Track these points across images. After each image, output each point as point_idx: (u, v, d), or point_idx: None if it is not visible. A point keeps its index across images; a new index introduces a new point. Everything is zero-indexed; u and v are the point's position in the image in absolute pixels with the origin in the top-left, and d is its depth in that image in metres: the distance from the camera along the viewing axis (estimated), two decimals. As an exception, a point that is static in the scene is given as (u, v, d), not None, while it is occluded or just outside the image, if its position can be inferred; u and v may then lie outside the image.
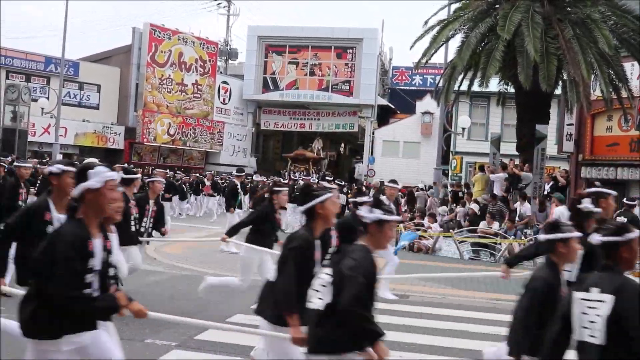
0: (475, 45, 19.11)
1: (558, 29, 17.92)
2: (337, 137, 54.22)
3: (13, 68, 34.07)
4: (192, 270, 11.59)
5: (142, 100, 37.76)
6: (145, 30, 38.00)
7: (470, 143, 34.22)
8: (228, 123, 42.73)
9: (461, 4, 21.53)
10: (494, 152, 21.34)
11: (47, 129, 33.56)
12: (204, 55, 41.28)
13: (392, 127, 42.26)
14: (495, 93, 24.19)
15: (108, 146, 36.94)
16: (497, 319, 8.70)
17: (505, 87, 22.28)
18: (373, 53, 40.94)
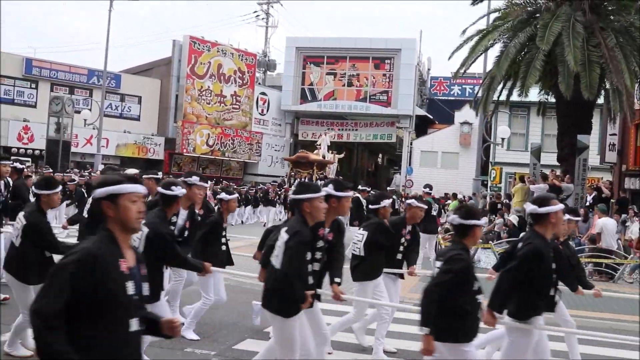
0: (514, 55, 18.93)
1: (600, 38, 17.66)
2: (375, 148, 54.15)
3: (57, 80, 34.83)
4: (231, 280, 11.62)
5: (182, 111, 38.23)
6: (185, 42, 38.52)
7: (510, 153, 33.83)
8: (266, 134, 42.98)
9: (500, 13, 21.36)
10: (534, 162, 21.06)
11: (89, 140, 34.19)
12: (243, 67, 41.64)
13: (431, 138, 42.03)
14: (536, 103, 23.91)
15: (148, 157, 37.44)
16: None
17: (546, 96, 22.01)
18: (411, 63, 40.81)
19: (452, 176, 38.33)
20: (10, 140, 31.94)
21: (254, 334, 7.68)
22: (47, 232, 6.03)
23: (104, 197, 3.14)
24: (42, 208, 6.11)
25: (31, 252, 5.97)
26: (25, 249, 5.98)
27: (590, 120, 19.78)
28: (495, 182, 33.87)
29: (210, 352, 6.91)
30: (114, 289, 2.98)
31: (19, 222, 6.05)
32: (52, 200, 6.17)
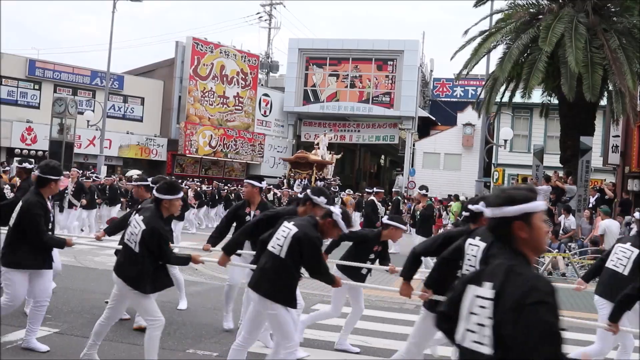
0: (517, 57, 18.93)
1: (603, 39, 17.65)
2: (377, 149, 54.16)
3: (60, 82, 34.90)
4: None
5: (185, 112, 38.29)
6: (188, 43, 38.57)
7: (513, 155, 33.83)
8: (269, 135, 43.02)
9: (503, 14, 21.36)
10: (537, 164, 21.06)
11: (92, 141, 34.26)
12: (245, 68, 41.69)
13: (433, 139, 42.03)
14: (538, 104, 23.91)
15: (151, 158, 37.50)
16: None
17: (549, 98, 22.00)
18: (414, 65, 40.83)
19: (455, 178, 38.34)
20: (13, 141, 32.01)
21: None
22: (166, 240, 5.69)
23: (517, 216, 2.74)
24: (162, 213, 5.73)
25: (148, 260, 5.63)
26: (143, 255, 5.61)
27: (593, 122, 19.76)
28: (498, 183, 33.82)
29: (212, 354, 6.92)
30: None
31: (136, 226, 5.66)
32: (173, 206, 5.77)
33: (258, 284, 5.25)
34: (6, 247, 6.29)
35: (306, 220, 5.34)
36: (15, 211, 6.25)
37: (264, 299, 5.15)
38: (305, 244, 5.12)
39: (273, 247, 5.24)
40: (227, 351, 6.98)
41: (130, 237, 5.70)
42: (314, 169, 33.85)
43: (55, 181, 6.37)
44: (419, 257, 5.50)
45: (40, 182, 6.32)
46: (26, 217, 6.14)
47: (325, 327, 8.10)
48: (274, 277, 5.16)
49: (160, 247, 5.58)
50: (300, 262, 5.20)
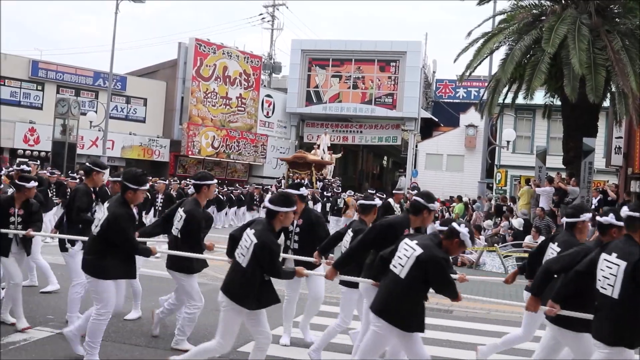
0: (519, 58, 18.90)
1: (606, 40, 17.62)
2: (380, 151, 54.19)
3: (63, 82, 34.94)
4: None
5: (187, 113, 38.32)
6: (191, 44, 38.61)
7: (515, 156, 33.82)
8: (271, 136, 43.04)
9: (506, 16, 21.34)
10: (540, 165, 21.05)
11: (95, 141, 34.30)
12: (248, 69, 41.72)
13: (436, 140, 42.03)
14: (541, 105, 23.87)
15: (154, 159, 37.53)
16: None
17: (552, 99, 21.97)
18: (416, 66, 40.83)
19: (458, 179, 38.34)
20: (16, 142, 32.05)
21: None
22: (277, 254, 5.57)
23: None
24: (274, 227, 5.63)
25: (257, 275, 5.50)
26: (253, 271, 5.49)
27: (596, 123, 19.73)
28: (501, 184, 33.84)
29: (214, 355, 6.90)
30: None
31: (247, 239, 5.57)
32: (288, 219, 5.67)
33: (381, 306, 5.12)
34: (91, 256, 6.21)
35: (429, 240, 5.11)
36: (99, 220, 6.22)
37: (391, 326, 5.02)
38: (432, 265, 4.94)
39: (394, 267, 5.10)
40: (229, 352, 6.97)
41: (240, 251, 5.59)
42: (312, 169, 33.23)
43: (134, 191, 6.30)
44: (554, 274, 5.34)
45: (125, 190, 6.29)
46: (114, 229, 6.08)
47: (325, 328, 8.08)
48: (396, 300, 5.02)
49: (271, 261, 5.45)
50: (424, 283, 5.01)
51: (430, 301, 9.93)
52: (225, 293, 5.57)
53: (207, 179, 7.01)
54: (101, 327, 6.10)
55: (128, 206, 6.25)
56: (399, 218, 6.28)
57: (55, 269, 9.56)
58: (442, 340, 8.21)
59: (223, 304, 5.59)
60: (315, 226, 7.51)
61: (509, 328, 9.25)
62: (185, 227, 6.77)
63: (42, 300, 7.82)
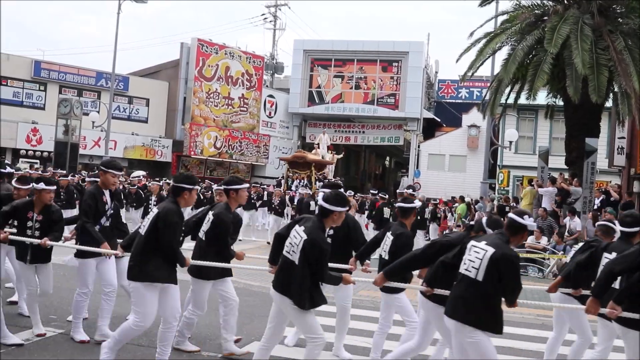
0: (522, 58, 18.88)
1: (609, 40, 17.60)
2: (382, 151, 54.17)
3: (66, 83, 34.99)
4: (239, 283, 11.63)
5: (190, 113, 38.35)
6: (193, 45, 38.64)
7: (518, 156, 33.79)
8: (274, 136, 43.06)
9: (508, 16, 21.32)
10: (542, 165, 21.02)
11: (97, 142, 34.33)
12: (250, 69, 41.75)
13: (438, 141, 42.03)
14: (544, 106, 23.83)
15: (156, 159, 37.57)
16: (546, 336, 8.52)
17: (554, 99, 21.95)
18: (419, 66, 40.83)
19: (460, 179, 38.33)
20: (19, 142, 32.11)
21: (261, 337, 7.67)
22: (326, 255, 5.36)
23: None
24: (324, 225, 5.49)
25: (309, 272, 5.35)
26: (305, 272, 5.34)
27: (599, 123, 19.69)
28: (503, 185, 33.84)
29: (217, 355, 6.92)
30: None
31: (297, 236, 5.41)
32: (340, 219, 5.52)
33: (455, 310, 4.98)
34: (136, 259, 5.86)
35: (498, 238, 4.98)
36: (148, 219, 5.93)
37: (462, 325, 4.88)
38: (503, 264, 4.81)
39: (467, 271, 4.94)
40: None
41: (290, 249, 5.45)
42: (312, 169, 32.48)
43: (190, 191, 6.01)
44: (616, 276, 5.32)
45: (175, 191, 6.01)
46: (163, 227, 5.74)
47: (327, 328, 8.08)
48: (473, 303, 4.87)
49: (319, 261, 5.29)
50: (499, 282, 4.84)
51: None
52: (277, 290, 5.47)
53: (235, 183, 6.77)
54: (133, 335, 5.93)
55: (179, 206, 5.96)
56: (459, 237, 5.97)
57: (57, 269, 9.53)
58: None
59: (277, 302, 5.52)
60: (352, 231, 7.14)
61: (521, 330, 9.24)
62: (212, 230, 6.60)
63: (45, 300, 7.80)
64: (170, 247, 5.77)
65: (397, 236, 6.47)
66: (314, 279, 5.35)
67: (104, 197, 6.97)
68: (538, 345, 8.11)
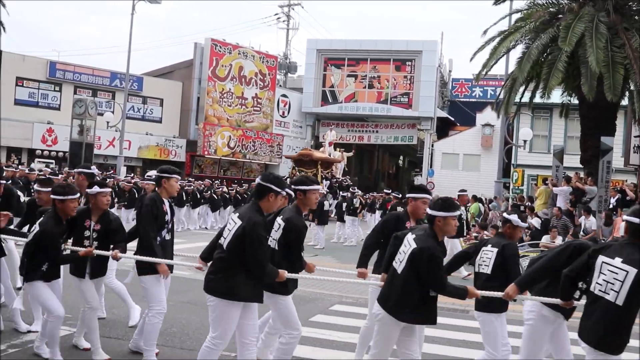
0: (536, 57, 18.78)
1: (624, 38, 17.46)
2: (396, 150, 54.06)
3: (80, 83, 35.21)
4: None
5: (203, 113, 38.46)
6: (207, 45, 38.74)
7: (532, 155, 33.60)
8: (287, 136, 43.10)
9: (522, 14, 21.20)
10: (557, 164, 20.90)
11: (112, 142, 34.51)
12: (264, 69, 41.80)
13: (452, 140, 41.87)
14: (558, 104, 23.69)
15: (170, 159, 37.67)
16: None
17: (569, 98, 21.81)
18: (432, 65, 40.70)
19: (474, 178, 38.15)
20: (34, 143, 32.38)
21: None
22: (440, 264, 5.00)
23: None
24: (436, 233, 5.10)
25: (415, 284, 4.96)
26: (409, 279, 4.99)
27: (614, 121, 19.54)
28: (518, 184, 33.63)
29: (230, 354, 6.92)
30: None
31: (407, 244, 5.09)
32: (449, 225, 5.10)
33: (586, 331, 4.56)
34: (217, 274, 5.28)
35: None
36: (229, 230, 5.27)
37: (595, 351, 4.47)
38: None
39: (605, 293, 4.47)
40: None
41: (398, 257, 5.15)
42: (318, 167, 31.78)
43: (276, 194, 5.44)
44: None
45: (261, 191, 5.45)
46: (251, 243, 5.13)
47: (337, 327, 8.09)
48: (605, 324, 4.44)
49: (432, 271, 4.89)
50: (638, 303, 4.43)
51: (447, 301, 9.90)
52: (379, 303, 5.13)
53: (304, 184, 5.94)
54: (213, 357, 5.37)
55: (263, 214, 5.38)
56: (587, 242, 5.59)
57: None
58: (458, 340, 8.17)
59: (379, 316, 5.13)
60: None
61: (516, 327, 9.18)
62: (284, 237, 5.78)
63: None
64: (259, 264, 5.19)
65: (503, 247, 5.80)
66: (424, 292, 4.96)
67: (164, 207, 6.26)
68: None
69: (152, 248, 6.08)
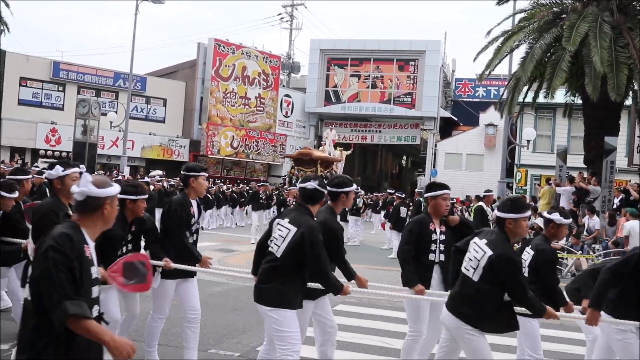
0: (540, 56, 18.75)
1: (628, 38, 17.42)
2: (399, 150, 54.04)
3: (84, 83, 35.26)
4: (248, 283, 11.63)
5: (207, 113, 38.49)
6: (210, 45, 38.77)
7: (536, 155, 33.55)
8: (290, 136, 43.10)
9: (526, 14, 21.17)
10: (560, 164, 20.86)
11: (115, 142, 34.55)
12: (267, 69, 41.81)
13: (455, 140, 41.84)
14: (562, 104, 23.66)
15: (173, 159, 37.73)
16: (564, 336, 8.47)
17: (572, 98, 21.77)
18: (435, 65, 40.65)
19: (477, 178, 38.11)
20: (38, 143, 32.45)
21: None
22: (520, 270, 4.76)
23: None
24: (508, 236, 4.83)
25: (492, 292, 4.71)
26: (484, 286, 4.71)
27: (618, 121, 19.51)
28: (521, 184, 33.61)
29: (234, 354, 6.93)
30: None
31: (478, 250, 4.79)
32: (520, 227, 4.81)
33: None
34: (270, 282, 5.04)
35: None
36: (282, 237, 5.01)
37: None
38: None
39: None
40: (248, 351, 7.02)
41: (469, 264, 4.84)
42: (318, 166, 31.09)
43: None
44: None
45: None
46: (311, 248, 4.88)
47: (340, 327, 8.08)
48: None
49: (512, 276, 4.61)
50: None
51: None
52: (452, 312, 4.86)
53: (346, 185, 5.54)
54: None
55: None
56: None
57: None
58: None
59: (451, 325, 4.87)
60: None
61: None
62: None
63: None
64: (324, 272, 4.96)
65: (538, 252, 5.59)
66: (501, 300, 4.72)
67: (192, 209, 5.99)
68: (556, 345, 8.04)
69: (189, 251, 5.89)
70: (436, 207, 5.99)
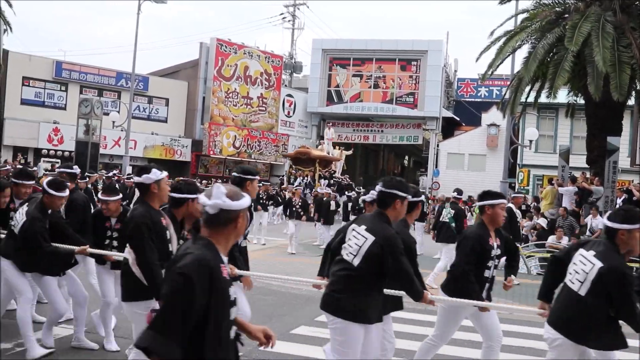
0: (542, 56, 18.74)
1: (631, 38, 17.41)
2: (401, 150, 54.00)
3: (86, 83, 35.28)
4: (257, 281, 11.63)
5: (209, 113, 38.49)
6: (212, 44, 38.77)
7: (538, 156, 33.52)
8: (292, 135, 43.08)
9: (528, 14, 21.15)
10: (563, 165, 20.84)
11: (117, 141, 34.57)
12: (269, 69, 41.80)
13: (457, 140, 41.79)
14: (564, 104, 23.64)
15: (175, 158, 37.74)
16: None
17: (575, 98, 21.75)
18: (438, 65, 40.62)
19: (479, 178, 38.04)
20: (40, 142, 32.49)
21: (281, 336, 7.67)
22: (631, 284, 4.41)
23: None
24: (619, 247, 4.54)
25: (601, 307, 4.43)
26: (594, 301, 4.43)
27: (621, 121, 19.49)
28: (523, 184, 33.59)
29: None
30: None
31: (585, 262, 4.53)
32: (632, 238, 4.49)
33: None
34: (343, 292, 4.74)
35: None
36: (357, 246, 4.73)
37: None
38: None
39: None
40: (252, 351, 7.01)
41: (574, 277, 4.56)
42: (316, 166, 30.64)
43: (402, 200, 4.86)
44: None
45: (384, 200, 4.87)
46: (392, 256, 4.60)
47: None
48: None
49: (623, 292, 4.32)
50: None
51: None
52: (555, 327, 4.62)
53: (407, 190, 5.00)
54: None
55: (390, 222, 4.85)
56: None
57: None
58: (464, 340, 8.14)
59: (556, 342, 4.62)
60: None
61: (532, 329, 9.17)
62: None
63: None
64: (409, 278, 4.70)
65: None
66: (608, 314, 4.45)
67: None
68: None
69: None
70: (494, 217, 5.62)
